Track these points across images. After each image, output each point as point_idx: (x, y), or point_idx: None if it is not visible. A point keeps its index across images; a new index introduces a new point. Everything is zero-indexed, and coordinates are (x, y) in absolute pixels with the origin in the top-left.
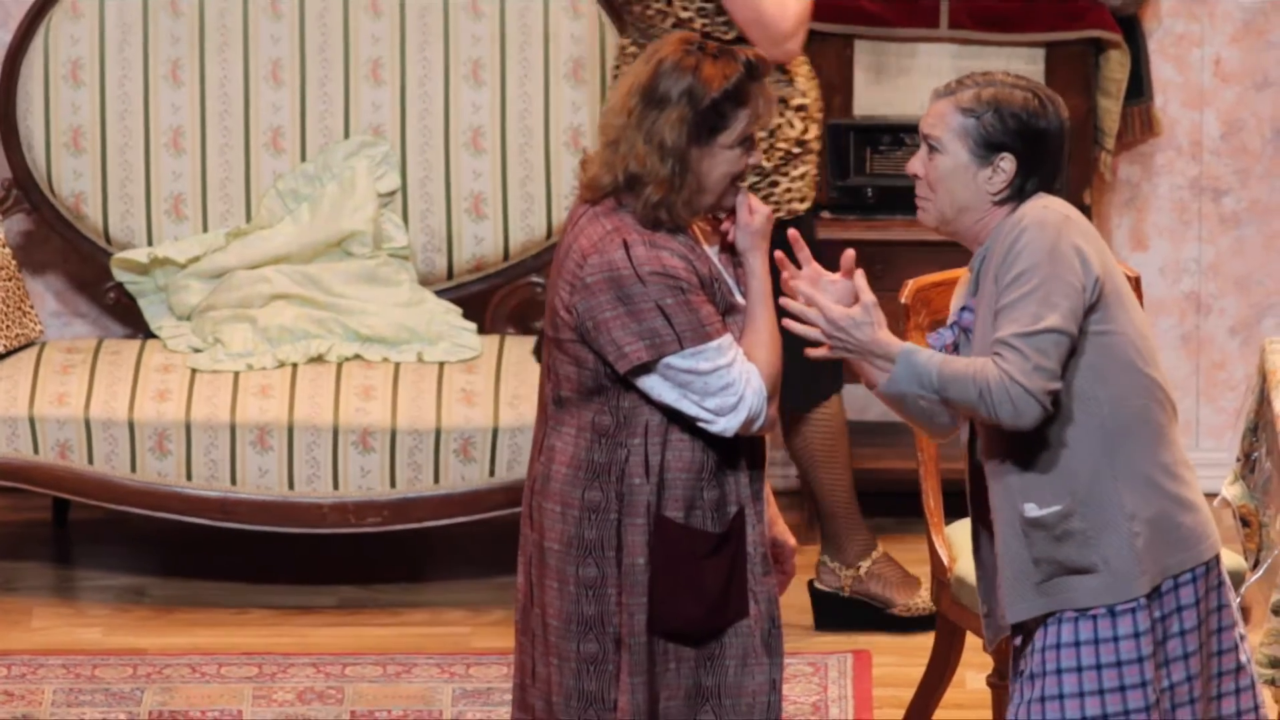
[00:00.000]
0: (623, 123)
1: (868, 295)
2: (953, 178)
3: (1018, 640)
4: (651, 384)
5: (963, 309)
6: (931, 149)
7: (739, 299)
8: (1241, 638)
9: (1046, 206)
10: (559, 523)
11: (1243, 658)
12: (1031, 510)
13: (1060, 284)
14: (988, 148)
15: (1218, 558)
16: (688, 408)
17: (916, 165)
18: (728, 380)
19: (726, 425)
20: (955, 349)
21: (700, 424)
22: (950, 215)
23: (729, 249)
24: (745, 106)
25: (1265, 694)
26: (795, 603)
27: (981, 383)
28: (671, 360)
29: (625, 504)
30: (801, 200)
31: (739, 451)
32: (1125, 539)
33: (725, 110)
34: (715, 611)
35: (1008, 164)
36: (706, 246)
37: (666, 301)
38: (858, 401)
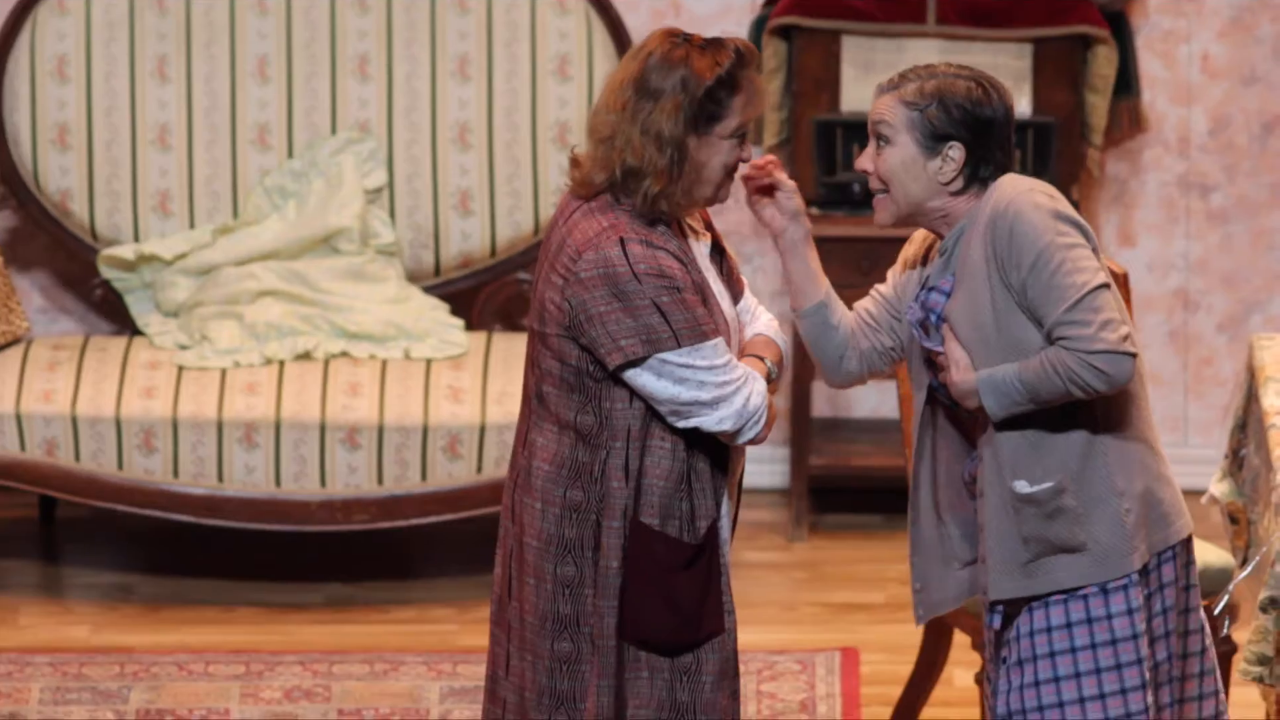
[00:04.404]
0: (616, 118)
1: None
2: (904, 171)
3: (996, 624)
4: (644, 380)
5: (930, 290)
6: (881, 143)
7: (725, 307)
8: (1203, 622)
9: (1032, 189)
10: (539, 519)
11: (1206, 640)
12: (1022, 487)
13: (1077, 250)
14: (935, 139)
15: (1191, 535)
16: (685, 392)
17: (865, 161)
18: (726, 377)
19: (723, 415)
20: (924, 329)
21: (694, 417)
22: (905, 210)
23: (718, 251)
24: (739, 93)
25: (1253, 691)
26: (778, 599)
27: (1062, 371)
28: (667, 355)
29: (604, 505)
30: None
31: (712, 468)
32: (1116, 516)
33: (720, 97)
34: (688, 624)
35: (956, 153)
36: (694, 244)
37: (663, 300)
38: (845, 398)
